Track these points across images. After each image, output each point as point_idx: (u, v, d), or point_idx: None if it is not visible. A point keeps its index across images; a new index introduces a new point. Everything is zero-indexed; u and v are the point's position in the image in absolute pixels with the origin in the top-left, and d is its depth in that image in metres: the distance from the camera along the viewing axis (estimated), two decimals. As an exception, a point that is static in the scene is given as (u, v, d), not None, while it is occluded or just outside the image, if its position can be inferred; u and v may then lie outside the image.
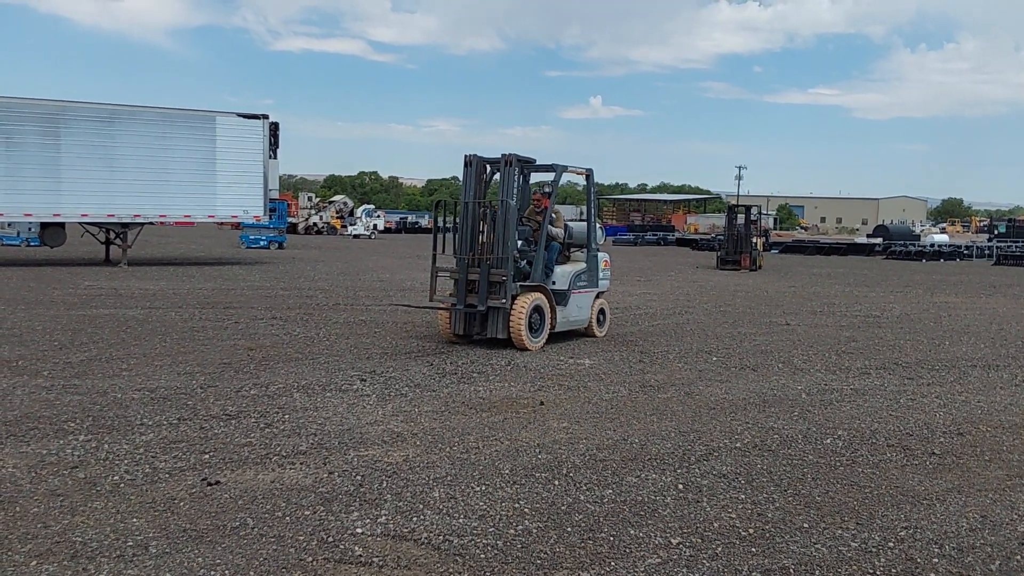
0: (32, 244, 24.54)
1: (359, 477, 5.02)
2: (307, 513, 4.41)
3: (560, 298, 10.21)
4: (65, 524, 4.16)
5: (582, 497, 4.81)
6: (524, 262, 9.99)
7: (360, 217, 52.02)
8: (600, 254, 10.91)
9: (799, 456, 5.79)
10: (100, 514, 4.31)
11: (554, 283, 10.23)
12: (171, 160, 21.08)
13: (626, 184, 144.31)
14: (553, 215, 10.29)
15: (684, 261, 33.45)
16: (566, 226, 10.70)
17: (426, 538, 4.14)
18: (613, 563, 3.91)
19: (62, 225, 21.10)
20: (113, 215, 20.72)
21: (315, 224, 52.71)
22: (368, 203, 69.30)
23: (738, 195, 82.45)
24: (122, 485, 4.76)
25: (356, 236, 48.27)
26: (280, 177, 26.04)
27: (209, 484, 4.81)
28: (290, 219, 45.25)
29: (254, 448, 5.55)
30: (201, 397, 6.92)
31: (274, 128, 22.66)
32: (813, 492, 5.02)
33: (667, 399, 7.49)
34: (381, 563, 3.83)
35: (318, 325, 11.43)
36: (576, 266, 10.59)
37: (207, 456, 5.35)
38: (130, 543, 3.96)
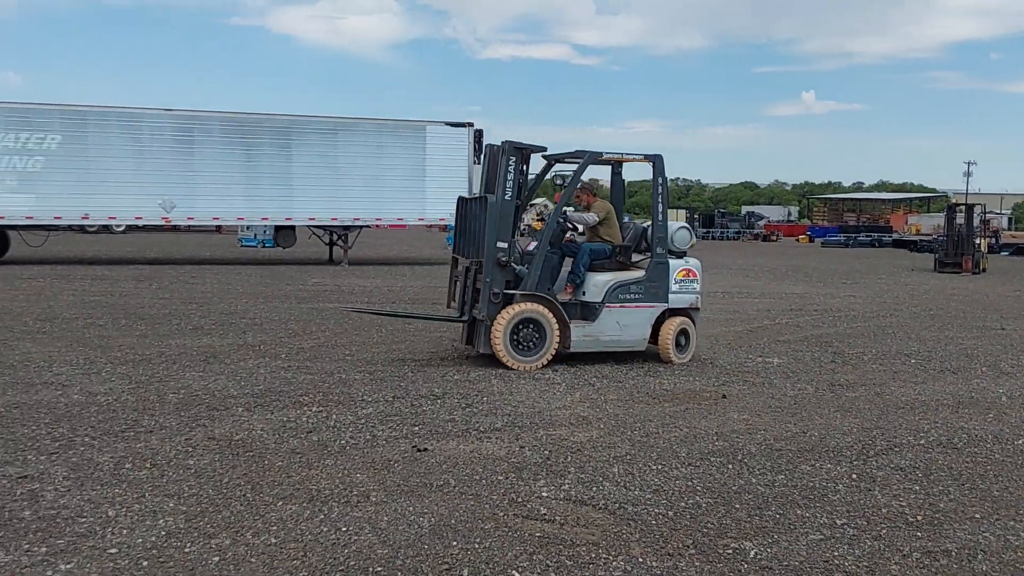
0: (267, 245, 27.28)
1: (547, 451, 5.57)
2: (500, 478, 5.00)
3: (587, 312, 8.69)
4: (303, 476, 4.99)
5: (753, 480, 5.10)
6: (526, 267, 8.54)
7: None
8: (675, 262, 8.94)
9: (985, 455, 5.74)
10: (330, 469, 5.11)
11: (584, 294, 8.79)
12: (386, 167, 22.81)
13: (840, 183, 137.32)
14: (595, 213, 9.07)
15: (899, 263, 31.73)
16: (623, 226, 9.43)
17: (603, 504, 4.60)
18: (776, 536, 4.21)
19: (293, 228, 23.41)
20: (336, 219, 22.71)
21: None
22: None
23: (967, 193, 76.39)
24: (347, 447, 5.57)
25: (556, 238, 49.33)
26: (484, 182, 27.36)
27: (419, 450, 5.53)
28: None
29: (456, 423, 6.25)
30: (412, 380, 7.75)
31: (478, 135, 23.88)
32: (992, 488, 5.02)
33: (854, 397, 7.51)
34: (562, 521, 4.34)
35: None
36: (624, 275, 8.82)
37: (417, 428, 6.10)
38: (355, 492, 4.71)
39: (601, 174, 9.91)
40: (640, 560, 3.90)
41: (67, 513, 4.28)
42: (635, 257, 9.27)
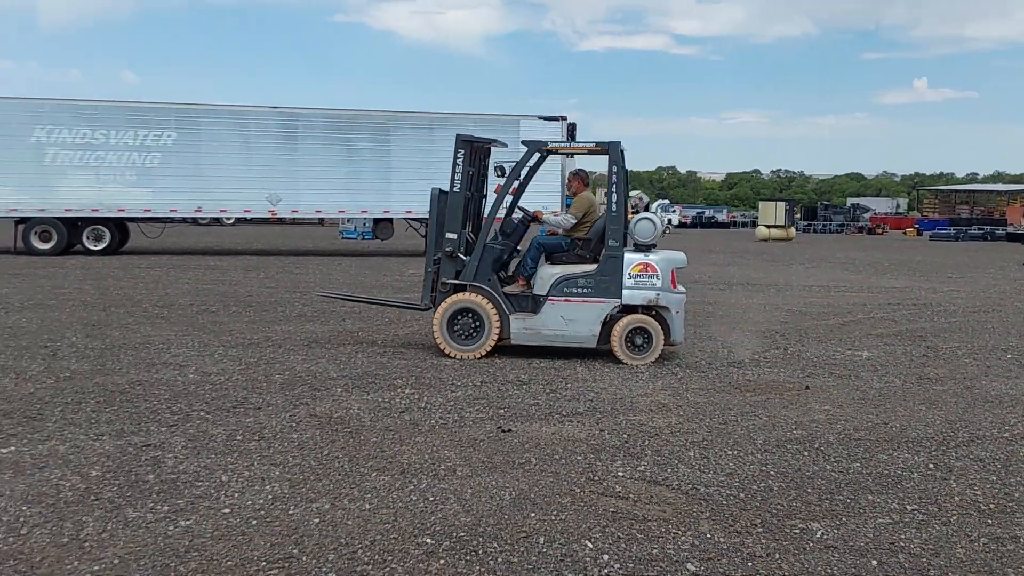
0: (366, 237, 28.15)
1: (625, 435, 5.80)
2: (579, 458, 5.27)
3: (528, 303, 8.49)
4: (395, 451, 5.36)
5: (828, 467, 5.21)
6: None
7: (655, 212, 52.80)
8: (631, 256, 8.36)
9: (1072, 450, 5.67)
10: (421, 446, 5.47)
11: (533, 286, 8.59)
12: (482, 161, 23.25)
13: (952, 174, 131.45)
14: (571, 215, 8.87)
15: (1010, 258, 30.40)
16: (584, 220, 8.87)
17: (677, 485, 4.81)
18: (844, 519, 4.34)
19: (391, 220, 24.15)
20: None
21: (612, 219, 54.26)
22: (664, 198, 69.82)
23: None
24: (437, 427, 5.93)
25: (651, 231, 49.03)
26: (578, 174, 27.49)
27: (503, 431, 5.84)
28: (588, 214, 47.00)
29: (540, 407, 6.53)
30: (500, 367, 8.07)
31: (571, 128, 24.08)
32: (1073, 481, 4.99)
33: (942, 391, 7.46)
34: (636, 499, 4.57)
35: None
36: (575, 268, 8.47)
37: (502, 411, 6.41)
38: (443, 467, 5.05)
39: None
40: (708, 536, 4.10)
41: (186, 477, 4.76)
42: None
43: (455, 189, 8.60)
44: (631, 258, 8.36)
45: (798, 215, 60.82)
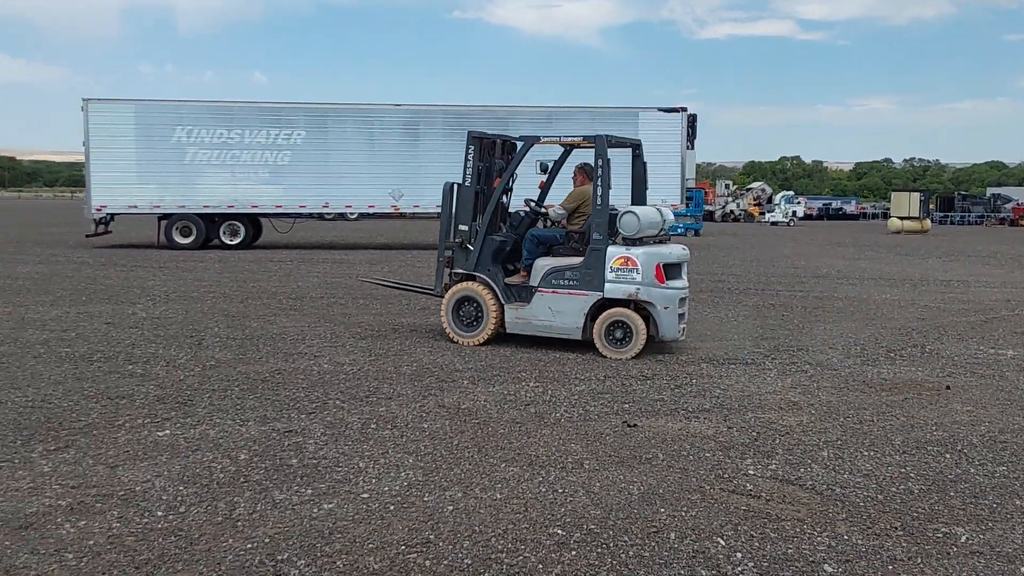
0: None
1: (754, 433, 5.70)
2: (707, 455, 5.22)
3: (523, 294, 8.67)
4: (523, 442, 5.45)
5: (972, 470, 4.99)
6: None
7: (779, 204, 51.36)
8: (613, 249, 8.28)
9: None
10: (547, 438, 5.54)
11: (528, 276, 8.74)
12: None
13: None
14: (563, 206, 9.01)
15: None
16: (576, 213, 8.95)
17: (811, 485, 4.71)
18: (991, 524, 4.15)
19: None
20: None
21: (732, 211, 53.13)
22: (788, 189, 67.82)
23: None
24: (562, 420, 5.99)
25: (774, 223, 47.83)
26: (697, 166, 26.97)
27: (628, 426, 5.85)
28: (707, 207, 46.25)
29: (665, 403, 6.50)
30: (623, 362, 8.06)
31: (691, 120, 23.72)
32: None
33: (1099, 394, 6.99)
34: (768, 498, 4.50)
35: (727, 307, 12.15)
36: (564, 261, 8.58)
37: (627, 405, 6.41)
38: (570, 460, 5.11)
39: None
40: (845, 537, 4.00)
41: (326, 463, 4.99)
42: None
43: (466, 183, 8.99)
44: (612, 251, 8.29)
45: (933, 206, 57.95)
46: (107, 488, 4.50)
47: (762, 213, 52.49)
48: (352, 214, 35.68)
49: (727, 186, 66.51)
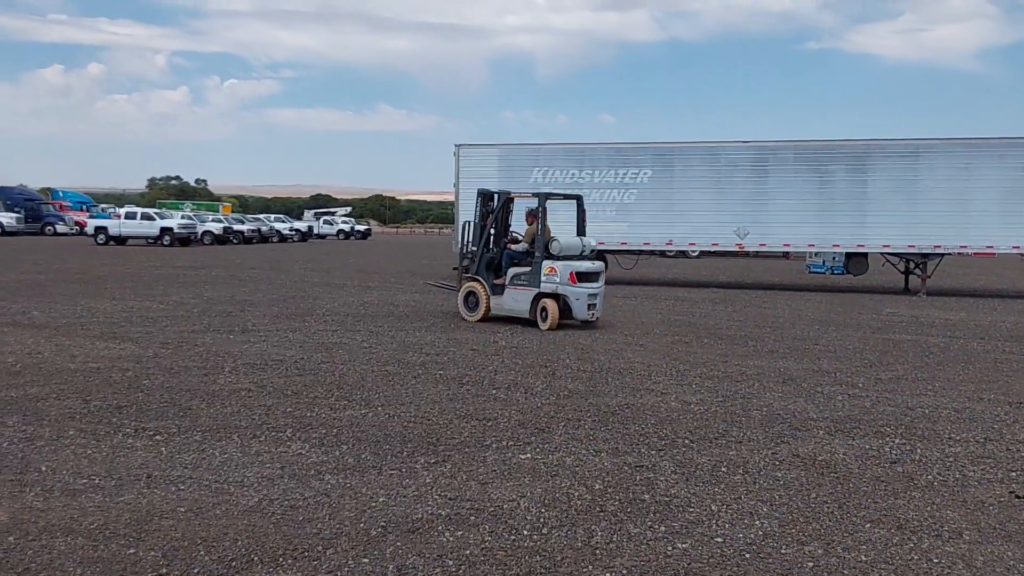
0: (835, 272, 26.96)
1: None
2: (1124, 542, 4.46)
3: (499, 290, 13.30)
4: (889, 504, 5.05)
5: None
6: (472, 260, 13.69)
7: None
8: (547, 262, 12.77)
9: None
10: (917, 502, 5.09)
11: (504, 279, 13.33)
12: (975, 189, 20.93)
13: None
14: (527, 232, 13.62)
15: None
16: (533, 240, 13.25)
17: None
18: None
19: (865, 255, 22.82)
20: (913, 246, 21.53)
21: None
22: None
23: None
24: (935, 483, 5.46)
25: None
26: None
27: (1017, 497, 5.18)
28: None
29: (1064, 475, 5.66)
30: (1007, 421, 7.18)
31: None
32: None
33: None
34: None
35: None
36: (521, 268, 13.17)
37: (1014, 474, 5.69)
38: (945, 528, 4.64)
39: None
40: None
41: (677, 501, 5.01)
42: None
43: (474, 221, 13.79)
44: (545, 264, 12.85)
45: None
46: (479, 503, 4.91)
47: None
48: (693, 252, 35.71)
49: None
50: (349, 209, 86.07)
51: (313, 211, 77.20)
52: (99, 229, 42.74)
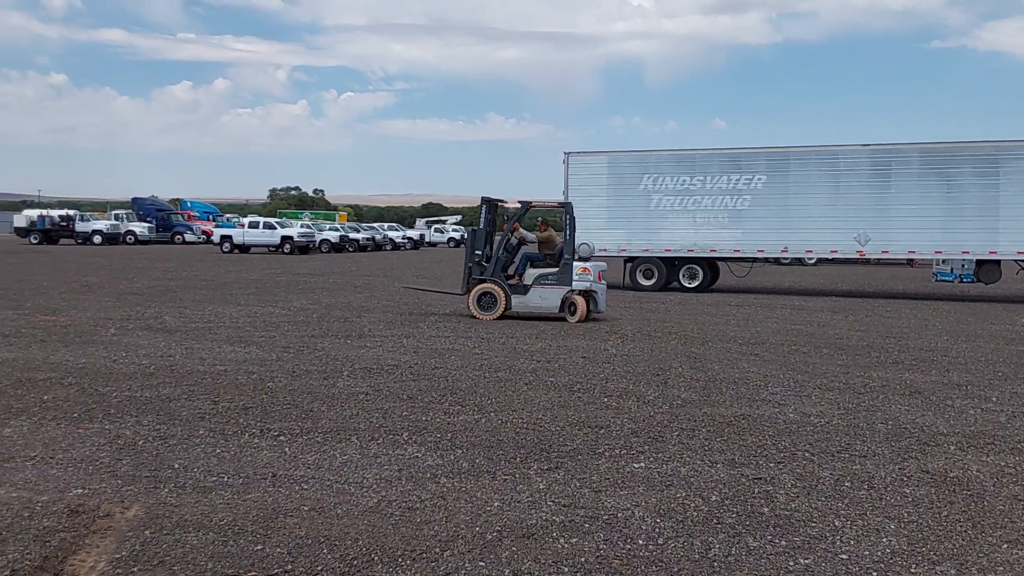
0: (964, 280, 25.63)
1: None
2: None
3: (521, 290, 14.45)
4: (1029, 525, 4.76)
5: None
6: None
7: None
8: (578, 263, 14.33)
9: None
10: (1061, 524, 4.78)
11: (523, 280, 14.62)
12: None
13: None
14: (533, 236, 15.46)
15: None
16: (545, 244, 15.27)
17: None
18: None
19: (998, 262, 21.62)
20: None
21: None
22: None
23: None
24: (1081, 505, 5.12)
25: None
26: None
27: None
28: None
29: None
30: None
31: None
32: None
33: None
34: None
35: None
36: (544, 270, 14.54)
37: None
38: (1094, 554, 4.34)
39: None
40: None
41: (799, 516, 4.86)
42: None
43: (480, 227, 14.86)
44: (576, 264, 14.34)
45: None
46: (593, 511, 4.89)
47: None
48: (810, 259, 34.63)
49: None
50: (459, 217, 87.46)
51: (424, 219, 78.79)
52: (224, 238, 44.79)
